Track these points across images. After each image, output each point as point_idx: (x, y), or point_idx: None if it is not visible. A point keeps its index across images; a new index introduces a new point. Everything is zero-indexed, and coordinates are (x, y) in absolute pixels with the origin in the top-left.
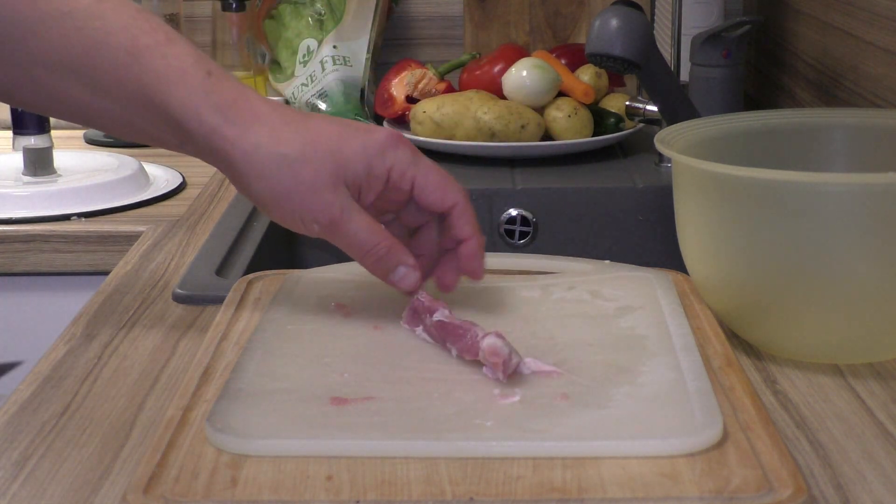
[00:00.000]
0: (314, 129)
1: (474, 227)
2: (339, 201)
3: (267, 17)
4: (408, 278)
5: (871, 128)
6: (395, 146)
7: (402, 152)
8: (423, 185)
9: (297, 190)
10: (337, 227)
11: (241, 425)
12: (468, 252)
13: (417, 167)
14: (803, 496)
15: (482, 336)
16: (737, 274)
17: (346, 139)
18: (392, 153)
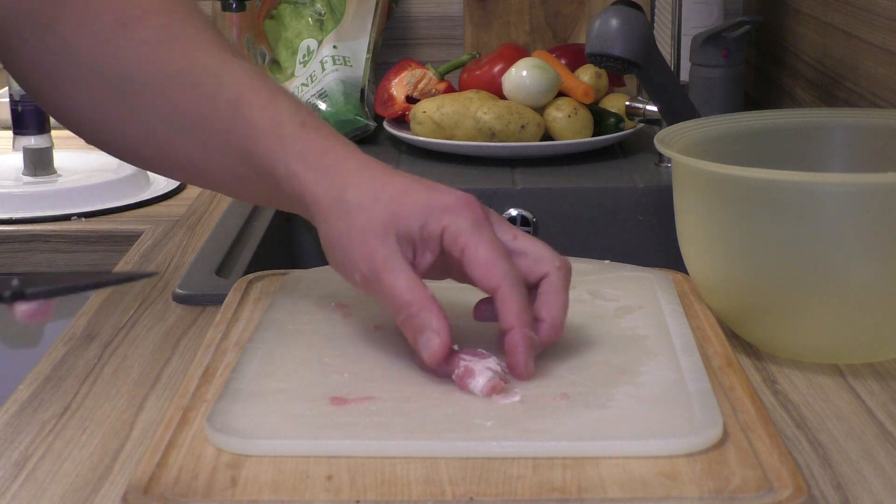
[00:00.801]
0: (387, 181)
1: (518, 318)
2: (383, 251)
3: (267, 17)
4: (430, 345)
5: (871, 128)
6: (458, 210)
7: (463, 217)
8: (472, 257)
9: (349, 234)
10: (377, 277)
11: (241, 425)
12: (508, 346)
13: (472, 236)
14: (803, 496)
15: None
16: (737, 274)
17: (411, 193)
18: (452, 216)
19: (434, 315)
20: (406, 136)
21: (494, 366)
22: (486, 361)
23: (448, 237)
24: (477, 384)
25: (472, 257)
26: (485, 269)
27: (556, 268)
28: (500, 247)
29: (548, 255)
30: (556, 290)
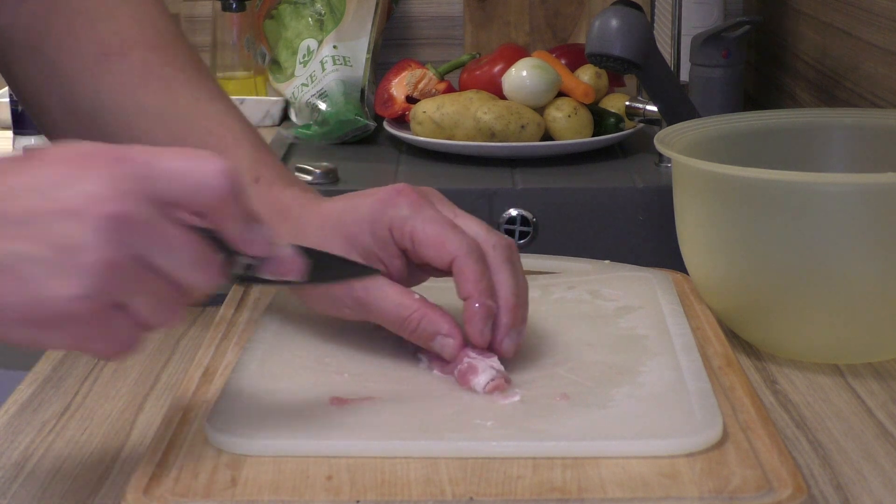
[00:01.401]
0: (328, 209)
1: (475, 286)
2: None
3: (267, 17)
4: (446, 347)
5: (871, 128)
6: (394, 201)
7: (400, 207)
8: (421, 239)
9: None
10: (364, 305)
11: (241, 425)
12: (466, 314)
13: (415, 219)
14: (803, 496)
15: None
16: (737, 274)
17: (350, 210)
18: (391, 209)
19: (436, 318)
20: (406, 136)
21: (498, 365)
22: (490, 360)
23: (396, 231)
24: (479, 382)
25: (421, 238)
26: (435, 245)
27: (491, 246)
28: (446, 220)
29: (483, 234)
30: (497, 268)
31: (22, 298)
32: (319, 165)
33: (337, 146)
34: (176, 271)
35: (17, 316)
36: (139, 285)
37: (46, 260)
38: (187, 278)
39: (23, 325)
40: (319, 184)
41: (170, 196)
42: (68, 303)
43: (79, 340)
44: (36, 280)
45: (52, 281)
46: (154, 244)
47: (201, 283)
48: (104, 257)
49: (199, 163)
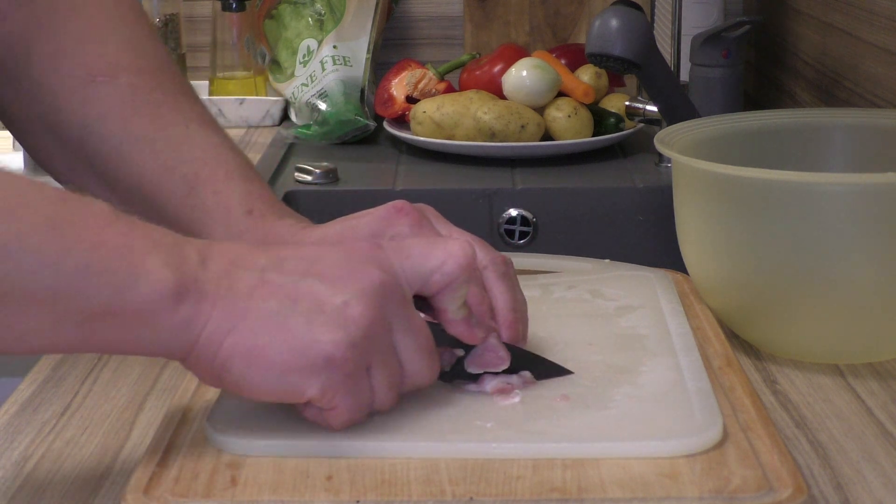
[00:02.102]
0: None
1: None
2: None
3: (267, 17)
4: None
5: (871, 128)
6: (394, 220)
7: (401, 225)
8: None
9: None
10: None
11: (241, 425)
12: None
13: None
14: (803, 496)
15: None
16: (737, 274)
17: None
18: (391, 228)
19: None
20: (406, 136)
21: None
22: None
23: None
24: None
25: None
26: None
27: (486, 264)
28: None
29: (479, 253)
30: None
31: (289, 345)
32: (319, 165)
33: (337, 146)
34: (408, 353)
35: (278, 361)
36: (383, 355)
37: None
38: (414, 364)
39: (281, 372)
40: (319, 184)
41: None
42: (333, 347)
43: (330, 390)
44: (301, 330)
45: (318, 330)
46: (401, 319)
47: (423, 372)
48: (368, 313)
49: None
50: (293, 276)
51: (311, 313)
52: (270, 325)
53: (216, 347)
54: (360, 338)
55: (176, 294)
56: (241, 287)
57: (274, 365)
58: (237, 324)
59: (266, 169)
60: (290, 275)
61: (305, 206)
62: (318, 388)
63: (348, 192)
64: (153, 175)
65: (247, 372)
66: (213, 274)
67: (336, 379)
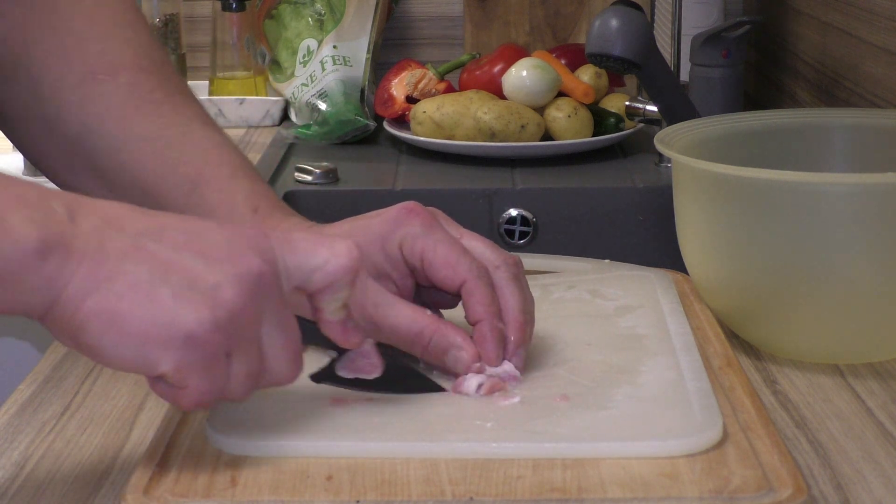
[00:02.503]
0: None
1: (486, 309)
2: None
3: (267, 17)
4: (460, 361)
5: (871, 128)
6: (406, 220)
7: (413, 225)
8: (432, 260)
9: None
10: (377, 323)
11: (241, 425)
12: (478, 337)
13: (427, 239)
14: (803, 496)
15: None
16: (737, 274)
17: (359, 230)
18: (403, 228)
19: (448, 332)
20: (406, 136)
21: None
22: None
23: (406, 249)
24: (469, 386)
25: (432, 259)
26: (446, 267)
27: (497, 265)
28: (457, 243)
29: (489, 254)
30: (503, 287)
31: (151, 315)
32: (319, 165)
33: (337, 146)
34: (272, 348)
35: (138, 330)
36: (246, 345)
37: (182, 288)
38: (277, 360)
39: (138, 342)
40: (319, 184)
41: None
42: (197, 325)
43: (185, 368)
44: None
45: (185, 306)
46: (272, 313)
47: (283, 369)
48: (238, 299)
49: (328, 244)
50: (170, 247)
51: (180, 287)
52: (136, 291)
53: (76, 306)
54: (226, 322)
55: (39, 251)
56: (111, 248)
57: (132, 333)
58: (102, 285)
59: (266, 169)
60: (168, 245)
61: (305, 206)
62: (172, 364)
63: (348, 192)
64: (154, 173)
65: (104, 336)
66: (83, 230)
67: (193, 358)
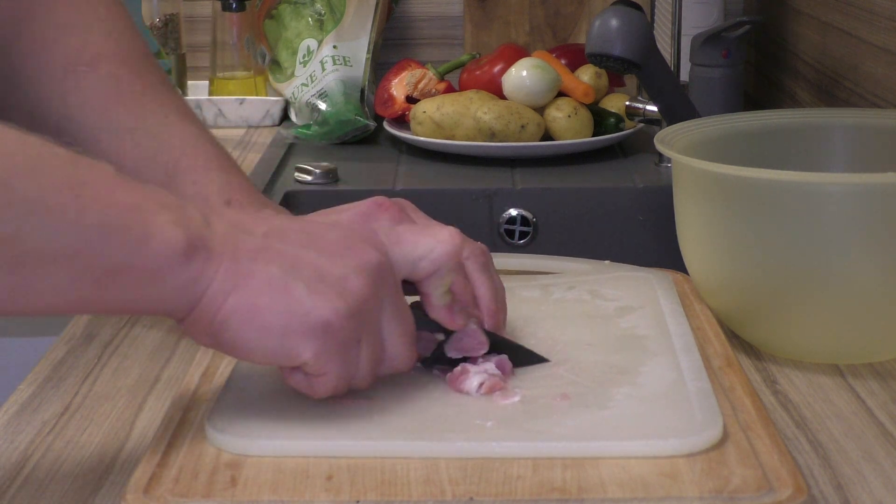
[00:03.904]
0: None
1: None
2: None
3: (267, 17)
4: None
5: (871, 128)
6: (375, 214)
7: (382, 220)
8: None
9: None
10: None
11: (241, 425)
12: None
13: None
14: (803, 496)
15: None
16: (737, 274)
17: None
18: (373, 223)
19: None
20: (406, 136)
21: (493, 370)
22: (485, 365)
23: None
24: (471, 384)
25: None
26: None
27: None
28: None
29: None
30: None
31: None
32: (319, 165)
33: (337, 146)
34: (392, 336)
35: (278, 322)
36: (372, 332)
37: (313, 282)
38: (396, 347)
39: (279, 334)
40: (319, 184)
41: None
42: (333, 314)
43: (324, 356)
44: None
45: (318, 297)
46: (390, 302)
47: (402, 356)
48: (364, 288)
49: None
50: (295, 245)
51: (312, 281)
52: (273, 287)
53: (218, 305)
54: (357, 310)
55: (186, 252)
56: (245, 249)
57: (273, 327)
58: (240, 283)
59: (266, 169)
60: (292, 244)
61: (305, 206)
62: (312, 353)
63: (348, 192)
64: (133, 164)
65: (245, 331)
66: (219, 234)
67: (331, 346)
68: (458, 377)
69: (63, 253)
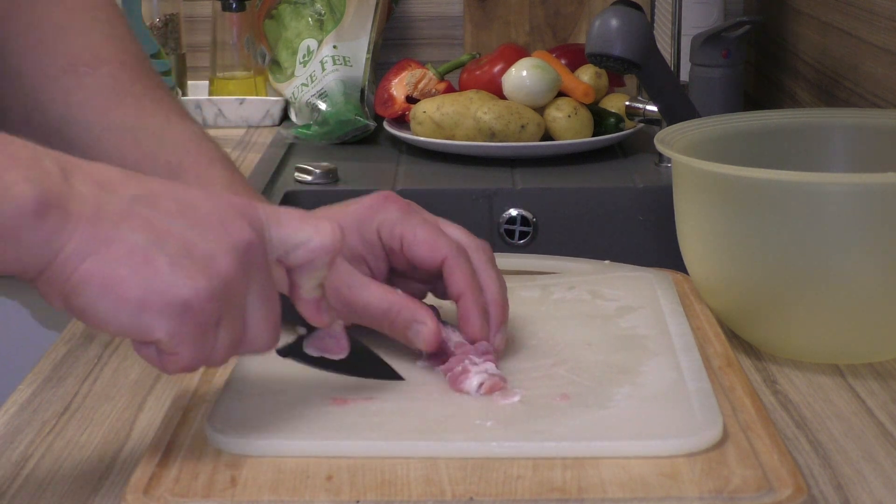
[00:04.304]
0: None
1: (467, 284)
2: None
3: (267, 17)
4: (420, 335)
5: (871, 128)
6: (383, 206)
7: (390, 211)
8: (411, 241)
9: None
10: (350, 304)
11: (241, 425)
12: (462, 312)
13: (405, 223)
14: (803, 496)
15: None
16: (737, 274)
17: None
18: (381, 214)
19: (413, 307)
20: (406, 136)
21: (493, 369)
22: (485, 364)
23: (385, 233)
24: (471, 384)
25: (412, 240)
26: (426, 245)
27: (474, 248)
28: (435, 224)
29: (465, 238)
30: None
31: (149, 282)
32: (319, 165)
33: (337, 146)
34: (255, 318)
35: (135, 296)
36: (234, 313)
37: (178, 256)
38: (258, 330)
39: (135, 308)
40: (319, 184)
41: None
42: (194, 293)
43: (178, 336)
44: (164, 270)
45: (181, 274)
46: (258, 283)
47: (263, 339)
48: (231, 269)
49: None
50: (164, 215)
51: (177, 255)
52: (134, 258)
53: (72, 269)
54: (221, 291)
55: (37, 210)
56: (108, 212)
57: (129, 299)
58: (100, 249)
59: (266, 169)
60: (162, 212)
61: (305, 206)
62: (166, 331)
63: (348, 192)
64: (134, 163)
65: (99, 300)
66: (79, 192)
67: (187, 326)
68: (458, 377)
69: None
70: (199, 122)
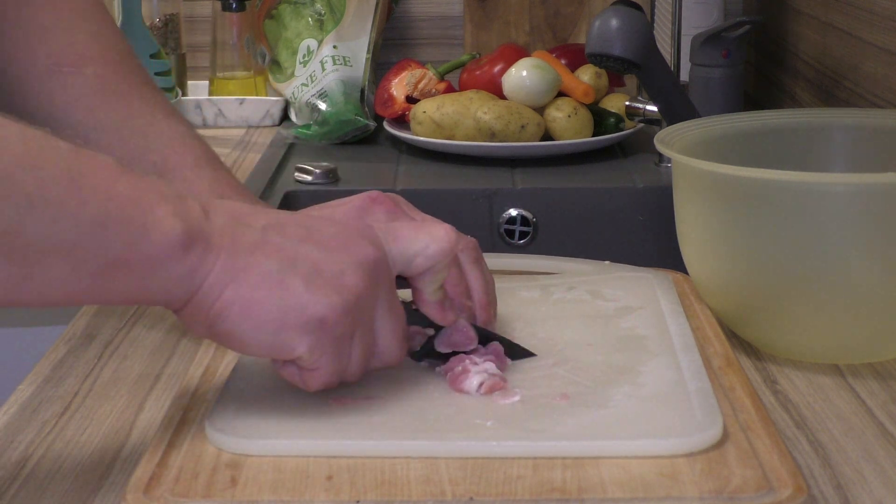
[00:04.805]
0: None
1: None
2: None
3: (267, 17)
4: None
5: (871, 128)
6: (370, 209)
7: (376, 213)
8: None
9: None
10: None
11: (241, 425)
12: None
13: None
14: (803, 496)
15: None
16: (737, 274)
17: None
18: (368, 217)
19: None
20: (406, 136)
21: (493, 369)
22: (485, 364)
23: None
24: (471, 384)
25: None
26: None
27: (461, 248)
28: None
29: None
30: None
31: (286, 302)
32: (319, 165)
33: (337, 146)
34: (384, 331)
35: (275, 316)
36: (365, 327)
37: (310, 277)
38: (388, 342)
39: (275, 328)
40: (319, 184)
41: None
42: (329, 309)
43: (318, 350)
44: (299, 289)
45: (315, 292)
46: (384, 298)
47: (393, 352)
48: (360, 284)
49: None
50: (293, 240)
51: (309, 276)
52: (270, 281)
53: (215, 297)
54: (353, 305)
55: (184, 243)
56: (243, 242)
57: (269, 320)
58: (238, 276)
59: (266, 169)
60: (290, 238)
61: (305, 206)
62: (307, 347)
63: (348, 192)
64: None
65: (241, 324)
66: (217, 226)
67: (325, 341)
68: (458, 377)
69: (63, 245)
70: (187, 120)
